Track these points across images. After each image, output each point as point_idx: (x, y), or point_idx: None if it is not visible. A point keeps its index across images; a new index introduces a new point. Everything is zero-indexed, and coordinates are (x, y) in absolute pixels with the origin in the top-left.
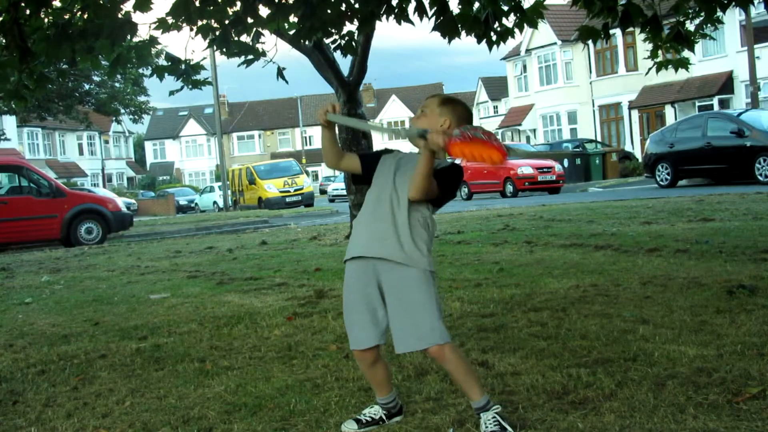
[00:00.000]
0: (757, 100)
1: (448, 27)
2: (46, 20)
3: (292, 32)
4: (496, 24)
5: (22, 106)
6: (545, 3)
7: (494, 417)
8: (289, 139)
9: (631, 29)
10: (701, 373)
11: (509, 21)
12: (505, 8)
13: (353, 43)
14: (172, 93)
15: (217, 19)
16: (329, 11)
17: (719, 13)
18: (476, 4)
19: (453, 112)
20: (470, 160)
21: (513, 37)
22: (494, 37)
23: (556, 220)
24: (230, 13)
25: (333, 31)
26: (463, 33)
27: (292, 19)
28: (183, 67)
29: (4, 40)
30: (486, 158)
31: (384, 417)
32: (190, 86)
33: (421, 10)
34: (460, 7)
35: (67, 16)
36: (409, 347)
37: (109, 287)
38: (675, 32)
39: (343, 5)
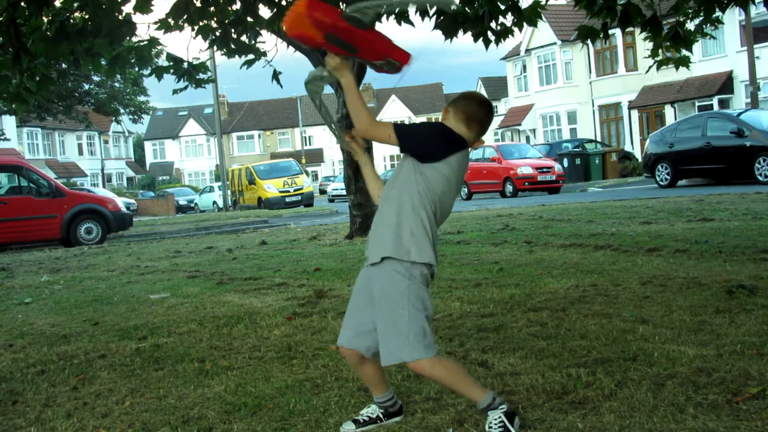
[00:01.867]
0: (757, 100)
1: (449, 25)
2: (45, 20)
3: None
4: (493, 23)
5: (23, 108)
6: (544, 3)
7: (499, 418)
8: (288, 139)
9: (630, 29)
10: (701, 372)
11: (507, 20)
12: (502, 7)
13: None
14: (175, 92)
15: (217, 20)
16: None
17: (719, 13)
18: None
19: (455, 105)
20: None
21: (512, 35)
22: (492, 37)
23: (555, 220)
24: (230, 12)
25: None
26: (462, 32)
27: None
28: (185, 66)
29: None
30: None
31: (381, 416)
32: (194, 85)
33: (423, 11)
34: (458, 4)
35: (64, 15)
36: (385, 361)
37: (109, 287)
38: (673, 32)
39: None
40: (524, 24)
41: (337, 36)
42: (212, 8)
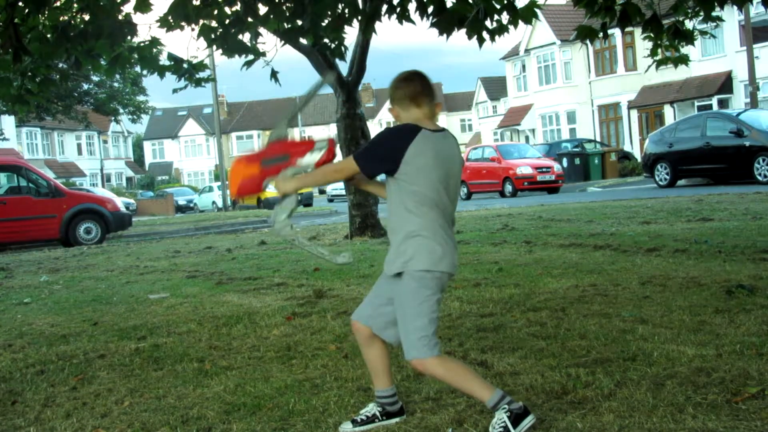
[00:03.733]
0: (756, 100)
1: (445, 24)
2: (42, 20)
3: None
4: (488, 21)
5: (24, 110)
6: (542, 3)
7: (501, 419)
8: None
9: (629, 29)
10: (700, 372)
11: (503, 18)
12: (498, 6)
13: (342, 47)
14: (175, 91)
15: (216, 20)
16: (329, 15)
17: (718, 12)
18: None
19: (393, 100)
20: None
21: (507, 33)
22: (486, 35)
23: (555, 220)
24: (229, 13)
25: (323, 34)
26: (457, 29)
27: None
28: (186, 66)
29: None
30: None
31: (379, 414)
32: (193, 84)
33: (422, 10)
34: (454, 1)
35: (66, 18)
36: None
37: (108, 287)
38: (674, 29)
39: (340, 6)
40: (519, 22)
41: (270, 156)
42: (210, 7)
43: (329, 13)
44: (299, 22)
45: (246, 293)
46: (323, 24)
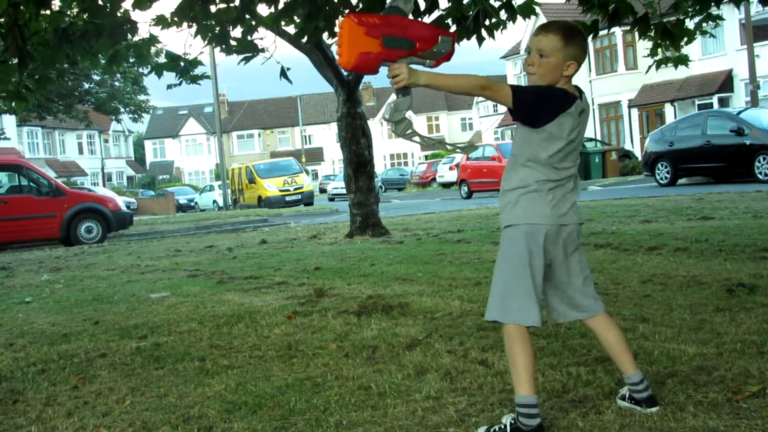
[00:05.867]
0: (757, 99)
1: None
2: (44, 24)
3: (294, 32)
4: (487, 20)
5: (22, 107)
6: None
7: (504, 425)
8: (288, 138)
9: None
10: (701, 371)
11: (501, 15)
12: (496, 4)
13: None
14: (170, 87)
15: (219, 20)
16: (328, 8)
17: (719, 11)
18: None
19: (578, 50)
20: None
21: (506, 27)
22: (484, 33)
23: None
24: (234, 10)
25: (320, 25)
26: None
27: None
28: (183, 64)
29: (3, 42)
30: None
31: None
32: (189, 81)
33: (415, 9)
34: (449, 4)
35: (66, 19)
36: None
37: (109, 286)
38: (662, 28)
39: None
40: (518, 17)
41: (393, 35)
42: (216, 8)
43: (328, 9)
44: (296, 18)
45: (247, 292)
46: (328, 18)
